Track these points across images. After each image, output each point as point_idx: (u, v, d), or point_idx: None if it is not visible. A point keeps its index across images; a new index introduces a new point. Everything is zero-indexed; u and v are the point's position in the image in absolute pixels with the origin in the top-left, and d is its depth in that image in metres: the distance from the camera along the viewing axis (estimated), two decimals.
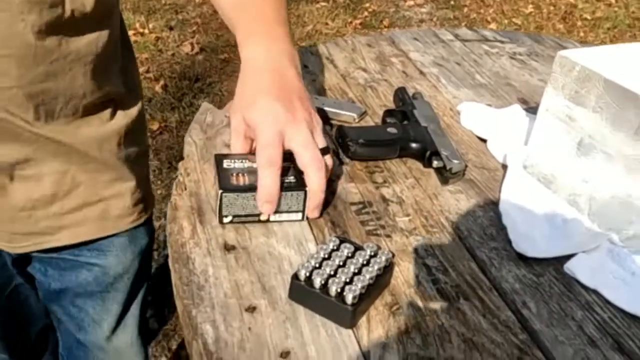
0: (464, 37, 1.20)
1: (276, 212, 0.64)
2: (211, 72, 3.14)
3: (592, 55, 0.71)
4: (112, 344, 0.98)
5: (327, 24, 3.80)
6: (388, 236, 0.65)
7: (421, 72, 1.04)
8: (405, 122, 0.82)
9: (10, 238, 0.80)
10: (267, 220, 0.65)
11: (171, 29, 3.57)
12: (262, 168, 0.62)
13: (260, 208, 0.63)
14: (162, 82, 3.01)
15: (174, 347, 1.73)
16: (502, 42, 1.20)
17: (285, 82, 0.69)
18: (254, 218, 0.64)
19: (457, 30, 1.24)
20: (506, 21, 4.07)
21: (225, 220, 0.63)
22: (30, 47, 0.67)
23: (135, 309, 0.99)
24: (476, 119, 0.88)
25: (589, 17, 4.20)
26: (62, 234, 0.82)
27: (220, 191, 0.62)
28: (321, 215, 0.67)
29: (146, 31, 3.53)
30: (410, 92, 0.92)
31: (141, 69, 3.11)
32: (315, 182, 0.64)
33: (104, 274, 0.90)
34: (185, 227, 0.64)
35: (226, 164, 0.65)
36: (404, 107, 0.86)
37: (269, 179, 0.62)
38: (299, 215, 0.66)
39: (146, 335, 1.04)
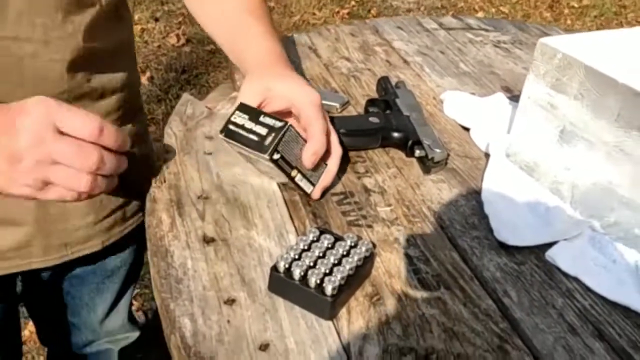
0: (448, 26, 1.20)
1: (303, 173, 0.65)
2: (197, 63, 3.12)
3: (573, 42, 0.71)
4: (105, 327, 0.99)
5: (314, 14, 3.77)
6: (369, 226, 0.65)
7: (405, 61, 1.03)
8: (388, 112, 0.82)
9: (45, 251, 0.78)
10: (292, 179, 0.65)
11: (157, 20, 3.53)
12: (316, 123, 0.65)
13: (305, 159, 0.64)
14: (148, 74, 2.98)
15: None
16: (486, 30, 1.19)
17: None
18: (287, 169, 0.64)
19: (441, 19, 1.23)
20: (493, 10, 4.07)
21: (275, 156, 0.62)
22: (80, 49, 0.68)
23: (129, 293, 0.99)
24: (459, 107, 0.88)
25: (576, 5, 4.21)
26: (93, 241, 0.81)
27: (289, 123, 0.62)
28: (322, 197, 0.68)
29: None
30: (394, 81, 0.91)
31: None
32: (335, 164, 0.68)
33: (101, 269, 0.90)
34: (164, 220, 0.63)
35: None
36: (386, 97, 0.85)
37: (322, 135, 0.65)
38: (310, 188, 0.67)
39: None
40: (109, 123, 0.56)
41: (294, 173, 0.65)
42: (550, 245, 0.63)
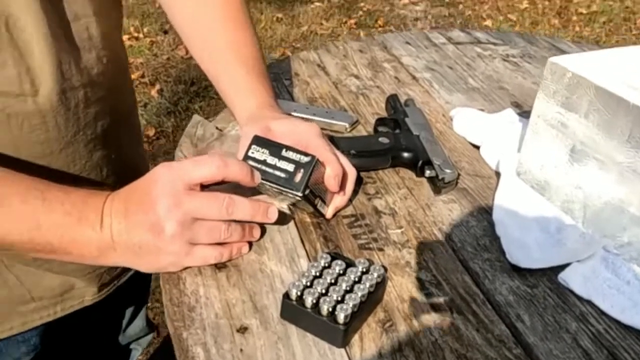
0: (457, 40, 1.20)
1: (321, 197, 0.66)
2: (206, 75, 3.13)
3: (583, 61, 0.71)
4: (126, 334, 1.00)
5: (321, 24, 3.79)
6: (380, 250, 0.65)
7: (414, 77, 1.03)
8: (397, 131, 0.82)
9: (100, 286, 0.79)
10: (314, 206, 0.65)
11: (166, 32, 3.56)
12: (327, 150, 0.66)
13: (330, 184, 0.65)
14: (157, 87, 3.00)
15: None
16: (494, 44, 1.19)
17: None
18: (312, 199, 0.64)
19: (449, 33, 1.23)
20: (501, 17, 4.06)
21: (307, 191, 0.62)
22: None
23: (145, 300, 1.01)
24: (469, 125, 0.88)
25: (584, 12, 4.20)
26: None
27: (316, 157, 0.62)
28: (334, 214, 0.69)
29: (140, 35, 3.52)
30: (403, 98, 0.91)
31: (136, 74, 3.11)
32: (350, 186, 0.69)
33: None
34: None
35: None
36: (395, 115, 0.85)
37: (337, 159, 0.66)
38: (325, 210, 0.68)
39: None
40: (231, 158, 0.59)
41: (316, 201, 0.65)
42: (563, 267, 0.63)
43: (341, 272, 0.57)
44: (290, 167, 0.61)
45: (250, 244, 0.63)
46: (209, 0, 0.82)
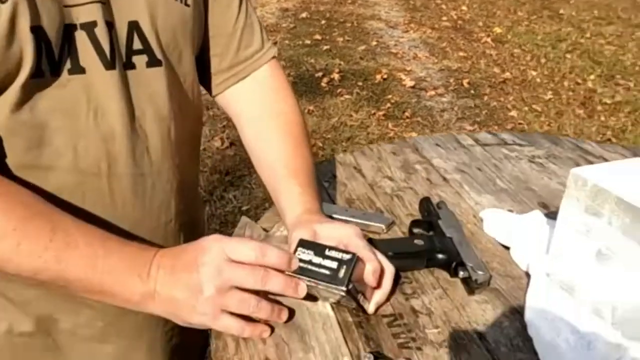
0: (484, 142, 1.27)
1: (363, 293, 0.72)
2: (240, 165, 3.26)
3: (605, 171, 0.76)
4: None
5: (351, 115, 3.94)
6: (419, 349, 0.69)
7: (444, 179, 1.10)
8: (431, 233, 0.87)
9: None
10: (357, 302, 0.71)
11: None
12: (366, 248, 0.74)
13: (369, 280, 0.72)
14: None
15: None
16: (520, 145, 1.26)
17: None
18: (355, 294, 0.70)
19: (477, 135, 1.31)
20: (526, 108, 4.18)
21: (350, 286, 0.68)
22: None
23: None
24: (498, 226, 0.93)
25: (608, 102, 4.29)
26: None
27: (356, 255, 0.69)
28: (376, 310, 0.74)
29: None
30: (435, 199, 0.98)
31: None
32: (389, 282, 0.75)
33: None
34: (229, 344, 0.69)
35: None
36: (429, 218, 0.91)
37: (375, 256, 0.74)
38: (367, 306, 0.73)
39: None
40: (271, 246, 0.68)
41: (359, 296, 0.71)
42: None
43: None
44: (333, 265, 0.68)
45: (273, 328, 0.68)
46: (272, 117, 0.92)
